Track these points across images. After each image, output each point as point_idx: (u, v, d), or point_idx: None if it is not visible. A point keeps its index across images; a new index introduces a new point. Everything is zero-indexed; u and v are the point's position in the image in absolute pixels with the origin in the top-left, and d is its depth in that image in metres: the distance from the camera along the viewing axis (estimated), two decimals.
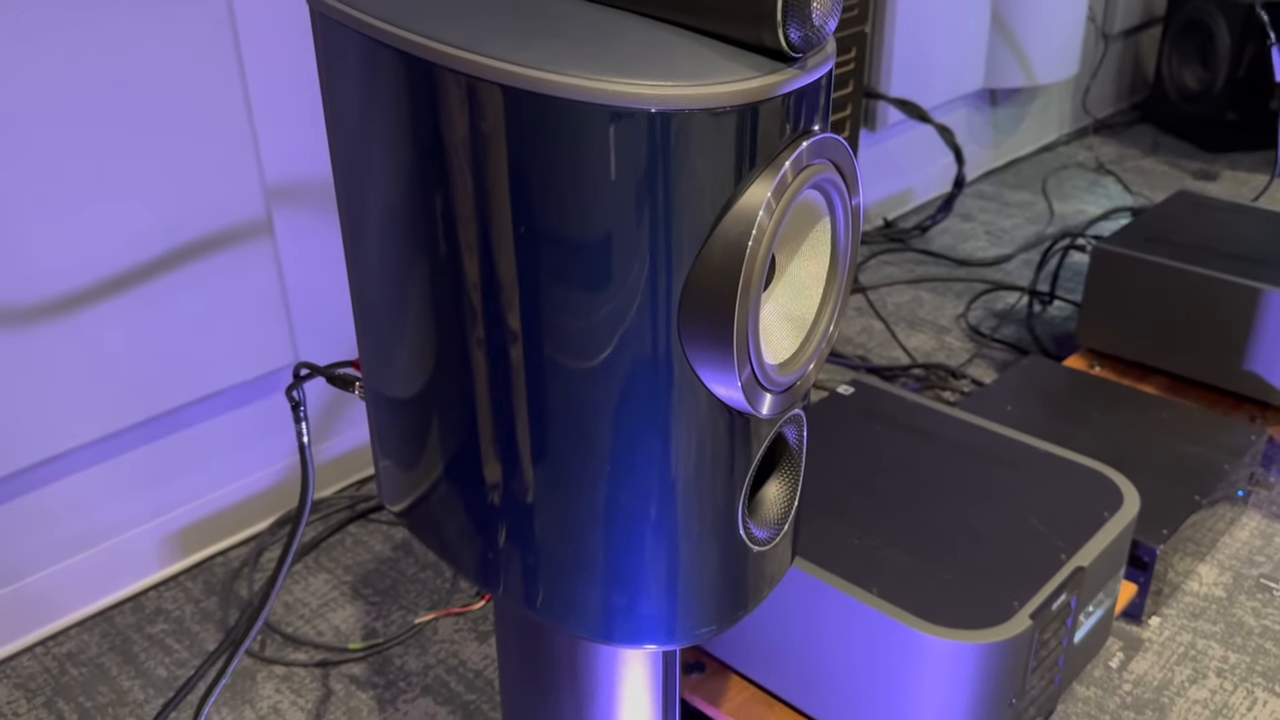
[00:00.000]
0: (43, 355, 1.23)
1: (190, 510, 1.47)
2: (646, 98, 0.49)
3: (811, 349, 0.59)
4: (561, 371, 0.56)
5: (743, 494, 0.60)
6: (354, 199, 0.64)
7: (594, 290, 0.54)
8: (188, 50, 1.24)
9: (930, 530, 1.10)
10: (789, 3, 0.49)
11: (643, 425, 0.56)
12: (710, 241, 0.52)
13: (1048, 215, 2.59)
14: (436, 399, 0.64)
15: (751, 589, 0.65)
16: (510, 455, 0.61)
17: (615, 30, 0.52)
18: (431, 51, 0.52)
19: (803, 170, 0.54)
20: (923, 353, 2.00)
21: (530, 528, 0.62)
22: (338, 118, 0.63)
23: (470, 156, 0.54)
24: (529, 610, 0.65)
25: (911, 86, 2.34)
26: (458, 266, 0.58)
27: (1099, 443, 1.47)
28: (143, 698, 1.28)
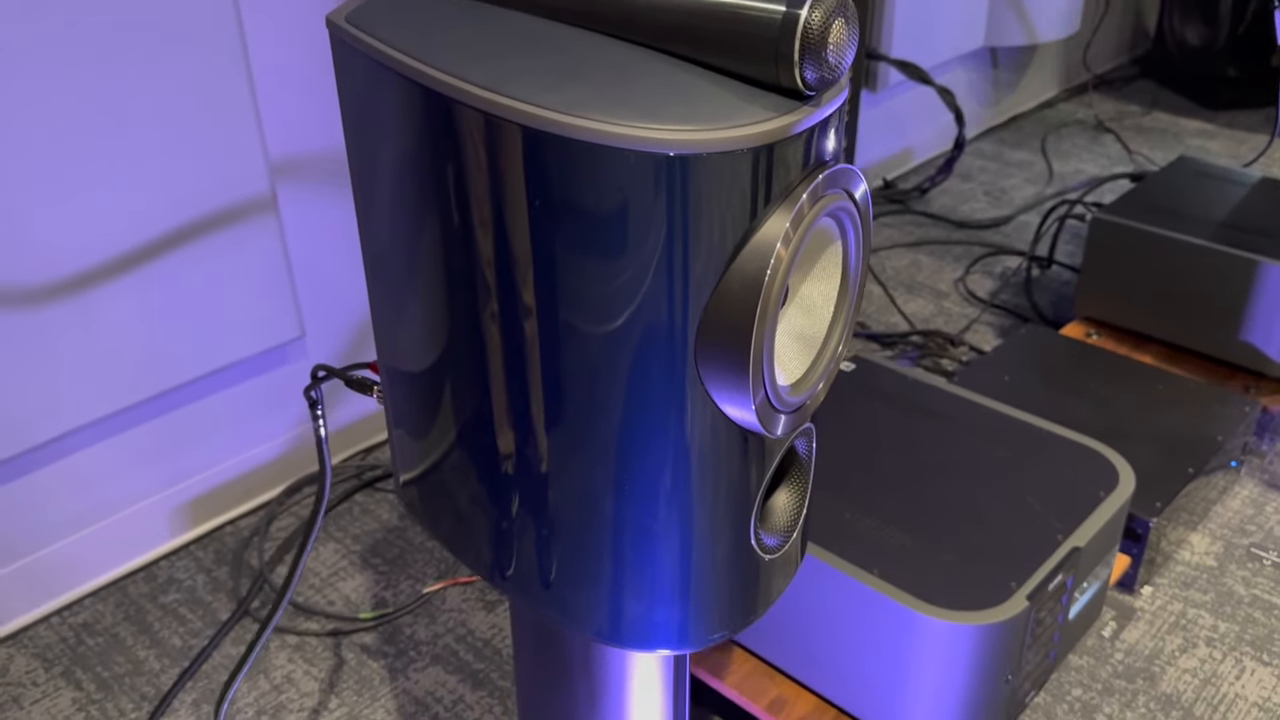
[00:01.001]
0: (54, 335, 1.25)
1: (200, 481, 1.49)
2: (665, 142, 0.50)
3: (821, 368, 0.60)
4: (578, 397, 0.58)
5: (755, 507, 0.62)
6: (371, 209, 0.65)
7: (611, 320, 0.56)
8: (190, 28, 1.24)
9: (930, 510, 1.12)
10: (805, 45, 0.50)
11: (660, 447, 0.58)
12: (727, 275, 0.54)
13: (1047, 175, 2.59)
14: (455, 419, 0.65)
15: (761, 595, 0.67)
16: (531, 474, 0.62)
17: (636, 70, 0.53)
18: (453, 89, 0.53)
19: (819, 201, 0.56)
20: (921, 318, 2.02)
21: (550, 539, 0.64)
22: (356, 134, 0.64)
23: (488, 192, 0.55)
24: (546, 613, 0.68)
25: (912, 47, 2.33)
26: (472, 299, 0.59)
27: (1095, 414, 1.49)
28: (158, 667, 1.31)
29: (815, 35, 0.50)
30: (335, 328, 1.56)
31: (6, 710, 1.26)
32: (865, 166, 2.50)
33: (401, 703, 1.27)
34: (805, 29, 0.50)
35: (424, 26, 0.58)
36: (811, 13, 0.50)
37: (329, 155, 1.46)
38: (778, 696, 1.13)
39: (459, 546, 0.72)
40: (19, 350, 1.22)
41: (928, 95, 2.47)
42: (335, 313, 1.55)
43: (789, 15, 0.50)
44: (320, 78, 1.41)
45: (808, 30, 0.50)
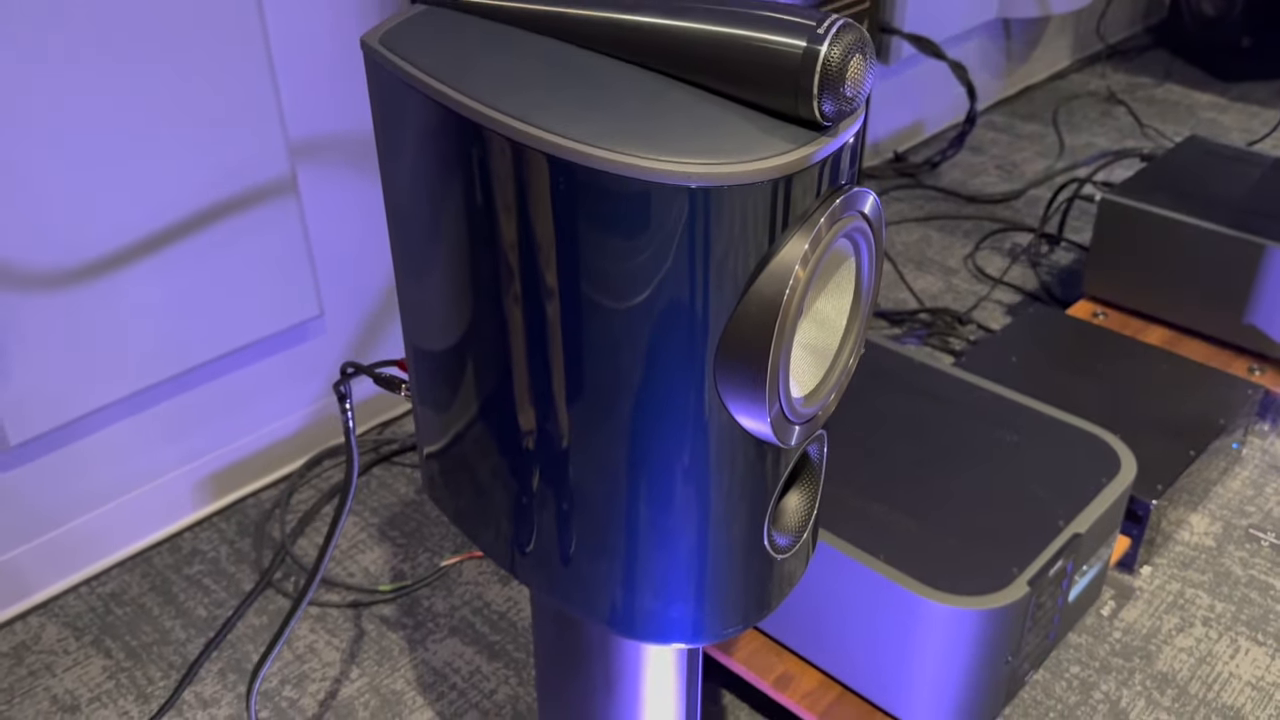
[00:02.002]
0: (81, 316, 1.28)
1: (222, 455, 1.53)
2: (687, 174, 0.52)
3: (834, 380, 0.63)
4: (601, 406, 0.61)
5: (769, 510, 0.65)
6: (400, 212, 0.68)
7: (633, 337, 0.58)
8: (211, 14, 1.25)
9: (935, 495, 1.15)
10: (824, 80, 0.52)
11: (679, 456, 0.61)
12: (746, 297, 0.56)
13: (1058, 148, 2.60)
14: (482, 431, 0.68)
15: (775, 590, 0.71)
16: (556, 481, 0.65)
17: (660, 101, 0.55)
18: (485, 117, 0.55)
19: (836, 224, 0.58)
20: (930, 295, 2.04)
21: (572, 537, 0.67)
22: (388, 145, 0.66)
23: (516, 215, 0.58)
24: (564, 603, 0.71)
25: (925, 20, 2.32)
26: (501, 317, 0.62)
27: (1099, 395, 1.52)
28: (184, 636, 1.36)
29: (834, 71, 0.52)
30: (353, 306, 1.59)
31: (40, 677, 1.31)
32: (877, 139, 2.51)
33: (420, 673, 1.31)
34: (825, 64, 0.52)
35: (456, 51, 0.60)
36: (831, 49, 0.52)
37: (348, 138, 1.48)
38: (784, 673, 1.17)
39: (478, 529, 0.75)
40: (48, 330, 1.25)
41: (940, 68, 2.47)
42: (353, 292, 1.58)
43: (809, 51, 0.52)
44: (340, 62, 1.42)
45: (827, 66, 0.52)
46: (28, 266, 1.21)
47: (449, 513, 0.78)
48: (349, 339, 1.61)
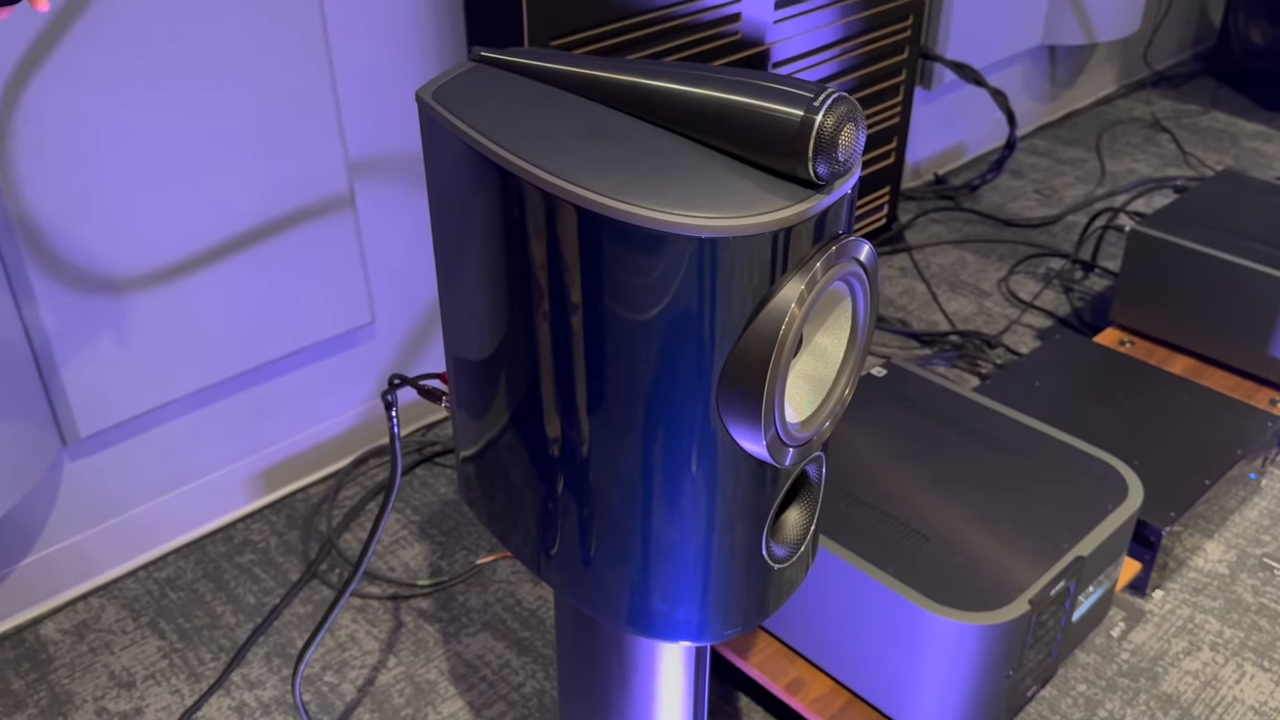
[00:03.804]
0: (150, 318, 1.37)
1: (276, 451, 1.62)
2: (696, 227, 0.59)
3: (829, 409, 0.70)
4: (619, 426, 0.68)
5: (766, 524, 0.72)
6: (447, 242, 0.75)
7: (645, 363, 0.65)
8: (280, 40, 1.34)
9: (945, 514, 1.21)
10: (818, 146, 0.58)
11: (685, 473, 0.68)
12: (748, 332, 0.63)
13: (1099, 174, 2.63)
14: (512, 441, 0.75)
15: (773, 597, 0.77)
16: (578, 491, 0.72)
17: (675, 160, 0.62)
18: (522, 170, 0.63)
19: (831, 269, 0.64)
20: (962, 317, 2.08)
21: (591, 543, 0.74)
22: (438, 189, 0.74)
23: (547, 254, 0.65)
24: (584, 604, 0.78)
25: (968, 46, 2.37)
26: (531, 341, 0.69)
27: (1119, 422, 1.56)
28: (234, 622, 1.44)
29: (827, 137, 0.58)
30: (403, 315, 1.68)
31: (99, 654, 1.40)
32: (917, 162, 2.56)
33: (453, 664, 1.38)
34: (819, 132, 0.58)
35: (500, 107, 0.67)
36: (825, 118, 0.58)
37: (403, 157, 1.56)
38: (796, 678, 1.23)
39: (508, 532, 0.82)
40: (119, 330, 1.34)
41: (982, 92, 2.52)
42: (403, 301, 1.67)
43: (805, 119, 0.58)
44: (398, 88, 1.51)
45: (821, 133, 0.58)
46: (103, 270, 1.30)
47: (482, 516, 0.85)
48: (398, 345, 1.70)
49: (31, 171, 1.20)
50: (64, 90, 1.20)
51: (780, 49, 1.83)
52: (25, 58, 1.16)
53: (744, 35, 1.75)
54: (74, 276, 1.28)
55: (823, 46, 1.92)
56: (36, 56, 1.17)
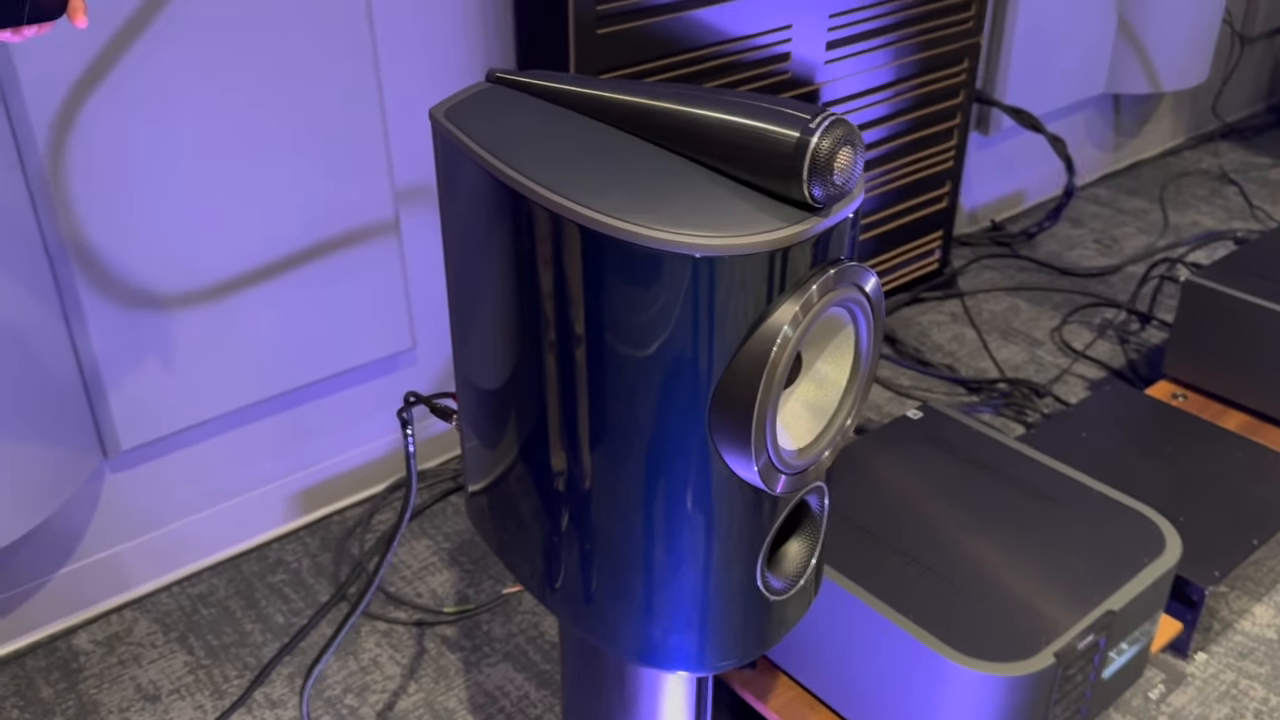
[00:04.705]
0: (195, 336, 1.40)
1: (313, 472, 1.64)
2: (692, 245, 0.59)
3: (828, 438, 0.68)
4: (618, 445, 0.67)
5: (762, 554, 0.70)
6: (456, 261, 0.76)
7: (642, 382, 0.65)
8: (331, 65, 1.37)
9: (973, 561, 1.18)
10: (814, 168, 0.58)
11: (677, 500, 0.67)
12: (739, 355, 0.62)
13: (1161, 225, 2.58)
14: (516, 470, 0.75)
15: (773, 629, 0.76)
16: (581, 523, 0.72)
17: (675, 180, 0.62)
18: (528, 189, 0.63)
19: (829, 293, 0.64)
20: (1012, 365, 2.05)
21: (593, 573, 0.73)
22: (448, 204, 0.74)
23: (550, 269, 0.65)
24: (586, 633, 0.77)
25: (1028, 92, 2.35)
26: (533, 355, 0.69)
27: (1167, 477, 1.51)
28: (261, 641, 1.45)
29: (823, 160, 0.58)
30: (442, 342, 1.69)
31: (128, 666, 1.42)
32: (974, 208, 2.53)
33: (473, 693, 1.38)
34: (814, 154, 0.58)
35: (509, 126, 0.68)
36: (821, 140, 0.58)
37: None
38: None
39: (515, 561, 0.82)
40: (163, 346, 1.37)
41: (1041, 138, 2.49)
42: (444, 328, 1.68)
43: (801, 141, 0.58)
44: None
45: (816, 155, 0.58)
46: (150, 287, 1.33)
47: (492, 545, 0.85)
48: (437, 372, 1.71)
49: (84, 189, 1.24)
50: (118, 110, 1.23)
51: (831, 89, 1.83)
52: (83, 78, 1.20)
53: (794, 74, 1.75)
54: (122, 292, 1.31)
55: (875, 88, 1.91)
56: (93, 77, 1.21)
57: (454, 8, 1.49)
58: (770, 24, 1.67)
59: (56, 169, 1.21)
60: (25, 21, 0.69)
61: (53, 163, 1.20)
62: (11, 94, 1.16)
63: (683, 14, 1.55)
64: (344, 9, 1.36)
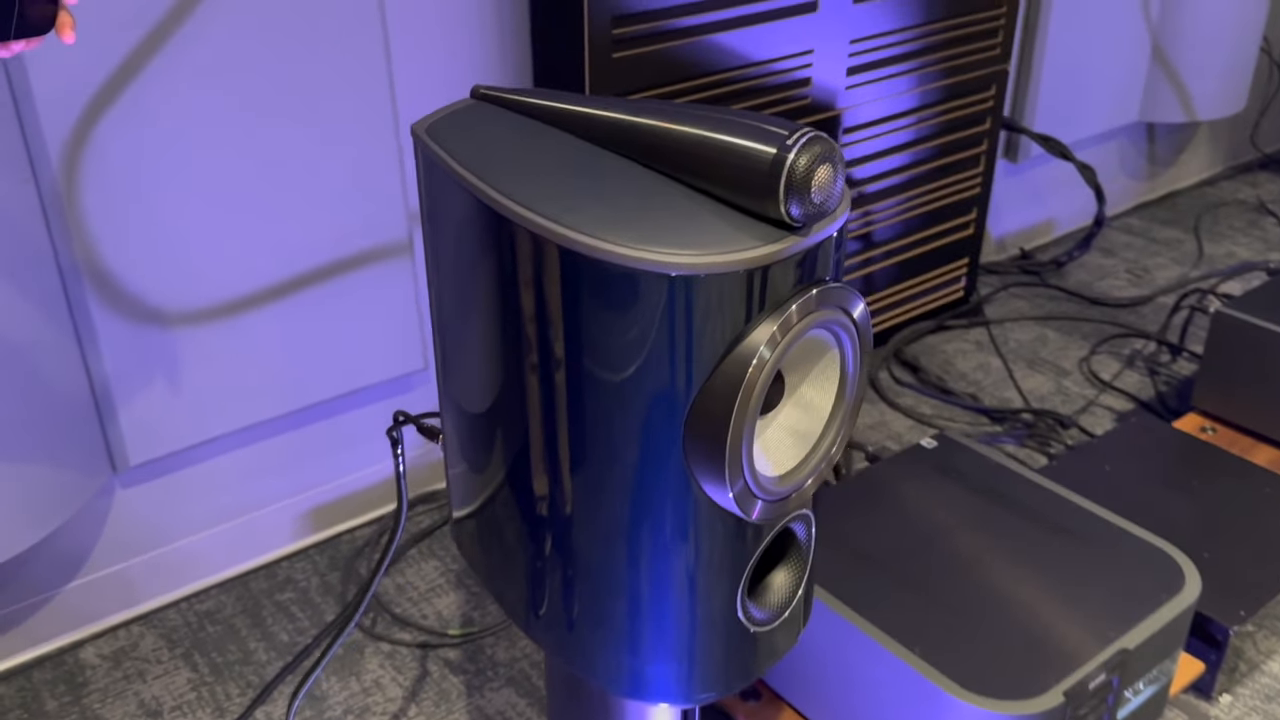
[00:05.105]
0: (207, 351, 1.40)
1: (324, 491, 1.63)
2: (668, 264, 0.57)
3: (812, 465, 0.66)
4: (597, 468, 0.66)
5: (742, 584, 0.68)
6: (438, 279, 0.75)
7: (623, 403, 0.63)
8: (346, 86, 1.37)
9: (983, 595, 1.15)
10: (790, 185, 0.56)
11: (655, 526, 0.65)
12: (716, 374, 0.61)
13: (1195, 256, 2.53)
14: (500, 503, 0.74)
15: (754, 662, 0.73)
16: (559, 549, 0.70)
17: (652, 198, 0.61)
18: (507, 209, 0.62)
19: (810, 314, 0.62)
20: (1038, 396, 2.01)
21: (575, 602, 0.72)
22: (430, 221, 0.73)
23: (528, 286, 0.64)
24: (568, 663, 0.75)
25: (1058, 120, 2.32)
26: (512, 366, 0.67)
27: (1194, 512, 1.47)
28: (265, 659, 1.45)
29: (799, 177, 0.56)
30: None
31: (133, 681, 1.42)
32: (1003, 235, 2.50)
33: (474, 718, 1.36)
34: (790, 171, 0.56)
35: (490, 143, 0.67)
36: (798, 157, 0.56)
37: None
38: None
39: (499, 588, 0.80)
40: (175, 363, 1.38)
41: (1073, 166, 2.45)
42: None
43: (777, 158, 0.57)
44: None
45: (792, 172, 0.56)
46: (161, 303, 1.34)
47: (477, 571, 0.83)
48: None
49: (97, 205, 1.25)
50: (132, 128, 1.24)
51: (852, 114, 1.82)
52: (97, 94, 1.21)
53: (814, 100, 1.74)
54: (134, 307, 1.32)
55: (898, 114, 1.89)
56: (108, 94, 1.22)
57: (470, 30, 1.49)
58: (790, 49, 1.66)
59: (69, 184, 1.22)
60: (13, 37, 0.69)
61: (66, 178, 1.21)
62: (26, 110, 1.17)
63: (701, 38, 1.54)
64: (359, 31, 1.36)
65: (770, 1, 1.60)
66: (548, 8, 1.47)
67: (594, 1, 1.40)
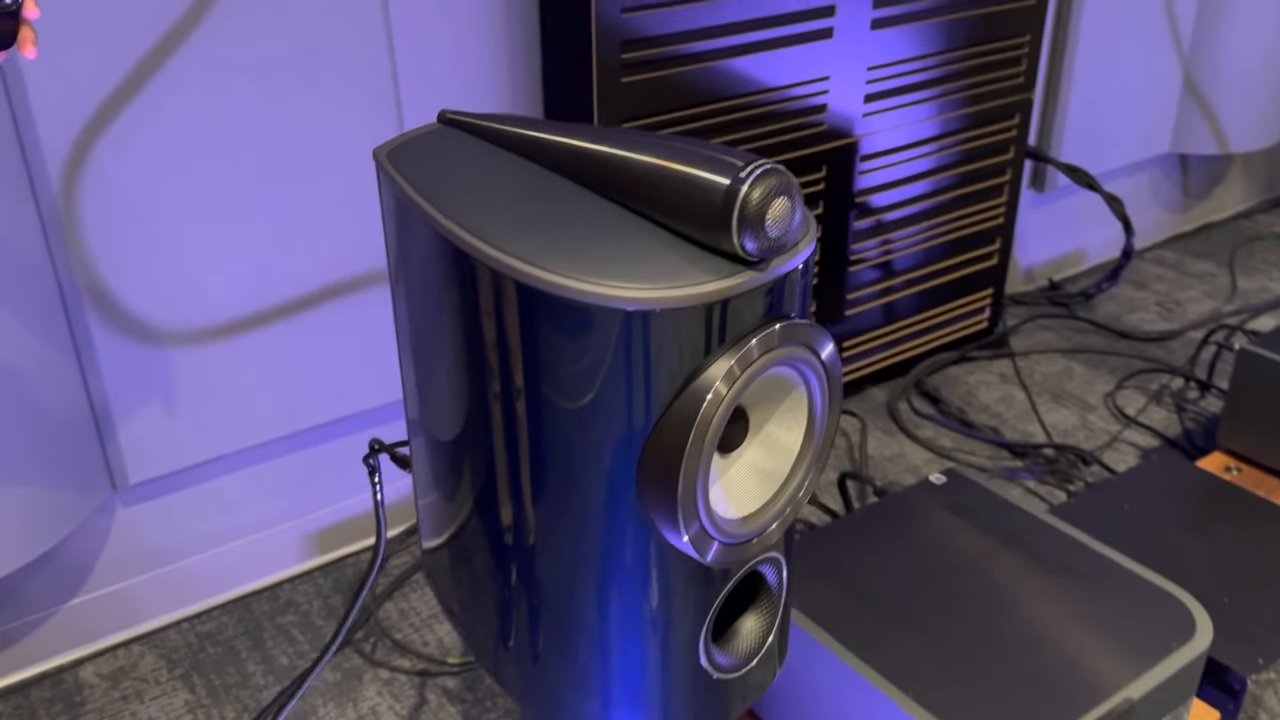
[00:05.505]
0: (208, 371, 1.40)
1: (328, 513, 1.62)
2: (625, 299, 0.56)
3: (778, 507, 0.64)
4: (545, 501, 0.64)
5: (704, 630, 0.66)
6: (400, 305, 0.74)
7: (582, 438, 0.61)
8: (351, 107, 1.37)
9: (984, 638, 1.11)
10: (744, 219, 0.54)
11: (612, 568, 0.63)
12: (672, 407, 0.59)
13: (1229, 290, 2.47)
14: (464, 539, 0.72)
15: (724, 706, 0.71)
16: (524, 585, 0.68)
17: (605, 229, 0.59)
18: (457, 237, 0.61)
19: (772, 350, 0.60)
20: (1061, 430, 1.97)
21: (535, 639, 0.70)
22: (391, 244, 0.72)
23: (485, 318, 0.62)
24: (537, 712, 0.73)
25: (1086, 150, 2.28)
26: (473, 398, 0.66)
27: (1214, 555, 1.43)
28: (263, 683, 1.43)
29: (753, 210, 0.54)
30: None
31: (130, 702, 1.41)
32: (1031, 266, 2.46)
33: None
34: (744, 203, 0.54)
35: (448, 171, 0.66)
36: (751, 190, 0.54)
37: None
38: None
39: (463, 627, 0.78)
40: (176, 383, 1.38)
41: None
42: None
43: (730, 189, 0.55)
44: None
45: (746, 205, 0.54)
46: (161, 323, 1.34)
47: (445, 607, 0.81)
48: None
49: (97, 224, 1.25)
50: (132, 147, 1.25)
51: (869, 141, 1.79)
52: (98, 113, 1.22)
53: (830, 126, 1.72)
54: (133, 326, 1.32)
55: (917, 142, 1.87)
56: (109, 113, 1.22)
57: (480, 57, 1.49)
58: (805, 75, 1.64)
59: (69, 203, 1.22)
60: None
61: (65, 197, 1.22)
62: (25, 128, 1.18)
63: (713, 64, 1.53)
64: (366, 53, 1.36)
65: (785, 28, 1.58)
66: (557, 33, 1.46)
67: (602, 26, 1.39)
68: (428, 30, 1.43)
